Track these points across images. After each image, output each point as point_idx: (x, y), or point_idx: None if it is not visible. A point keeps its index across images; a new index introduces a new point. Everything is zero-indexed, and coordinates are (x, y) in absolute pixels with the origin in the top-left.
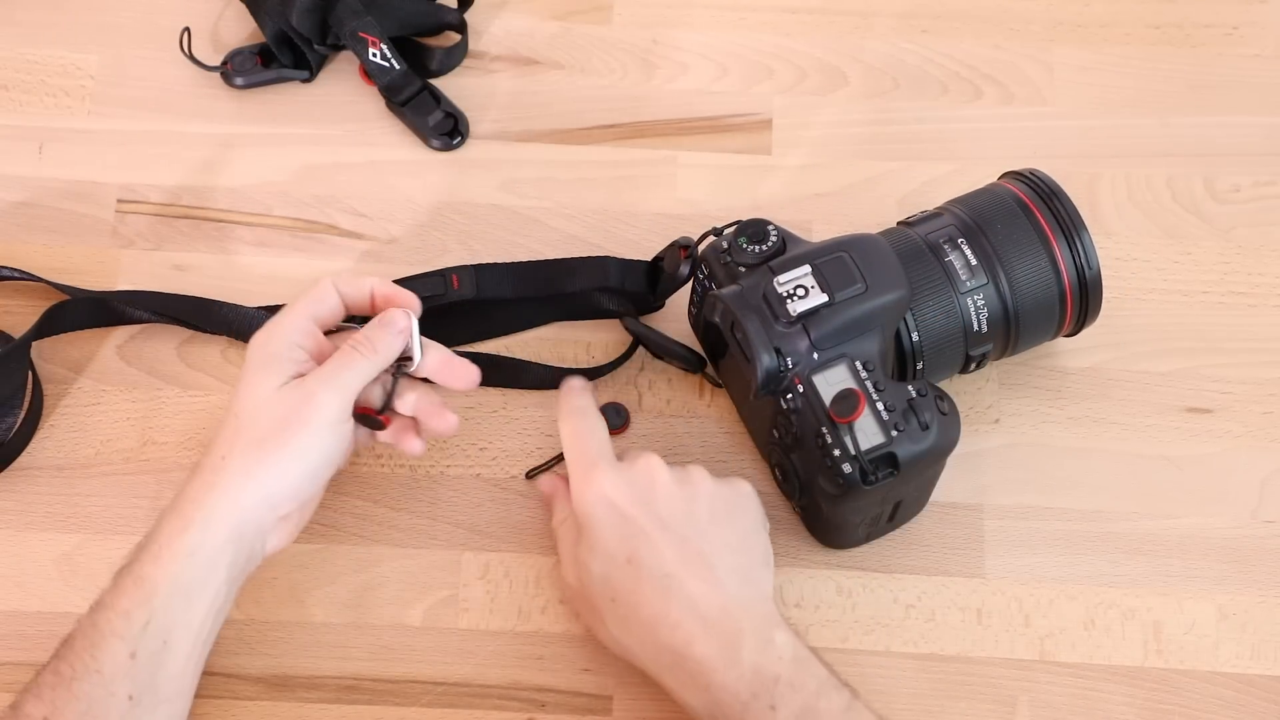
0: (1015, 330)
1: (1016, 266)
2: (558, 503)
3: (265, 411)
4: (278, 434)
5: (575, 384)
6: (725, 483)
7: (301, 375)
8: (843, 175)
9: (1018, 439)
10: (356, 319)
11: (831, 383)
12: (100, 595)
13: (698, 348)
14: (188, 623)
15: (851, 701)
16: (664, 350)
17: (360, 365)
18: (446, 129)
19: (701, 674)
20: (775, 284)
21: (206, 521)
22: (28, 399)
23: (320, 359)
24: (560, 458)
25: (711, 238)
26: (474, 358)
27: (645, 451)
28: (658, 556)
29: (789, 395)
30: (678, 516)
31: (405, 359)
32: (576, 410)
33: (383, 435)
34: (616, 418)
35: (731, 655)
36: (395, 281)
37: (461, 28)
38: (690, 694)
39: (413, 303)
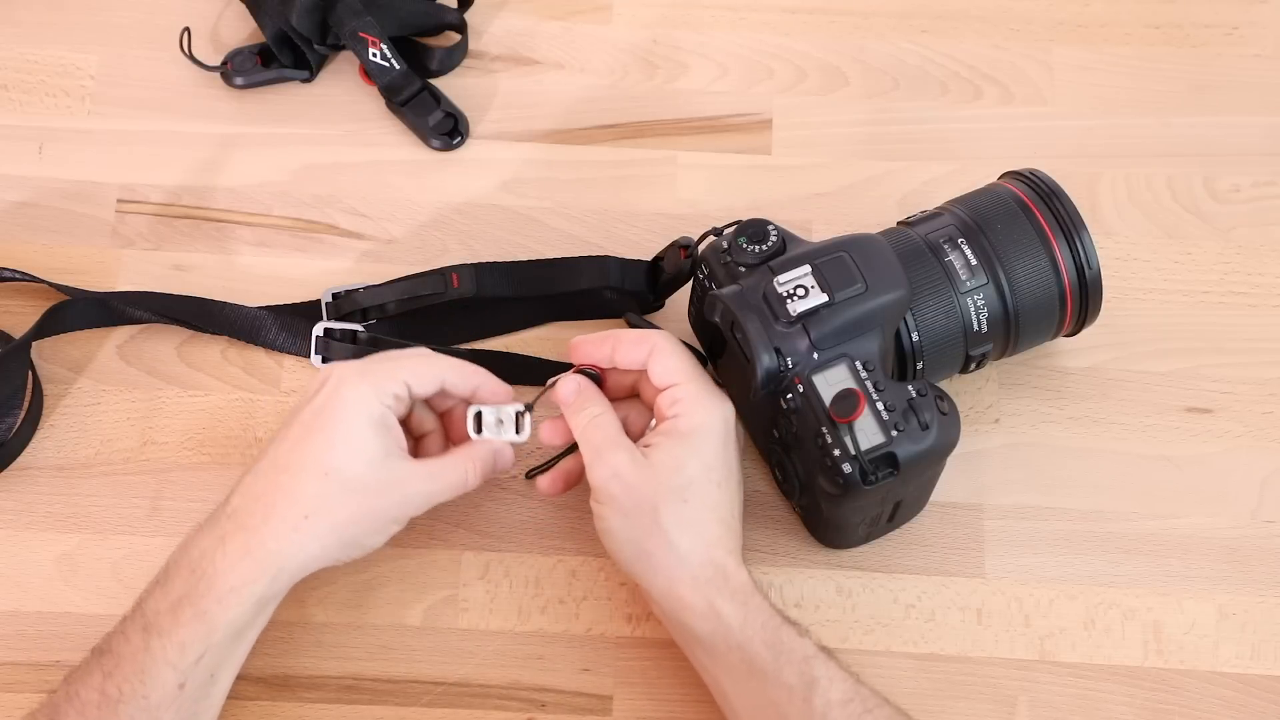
0: (1015, 330)
1: (1016, 266)
2: (588, 398)
3: (366, 483)
4: (370, 516)
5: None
6: None
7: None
8: (843, 175)
9: (1018, 439)
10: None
11: (831, 383)
12: (150, 616)
13: (698, 347)
14: (235, 659)
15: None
16: None
17: (461, 481)
18: (446, 129)
19: (743, 590)
20: (775, 284)
21: (279, 574)
22: (28, 399)
23: (405, 423)
24: (560, 456)
25: (711, 238)
26: (475, 356)
27: None
28: (735, 493)
29: (789, 395)
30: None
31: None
32: (673, 342)
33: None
34: None
35: (764, 591)
36: (394, 281)
37: (461, 28)
38: (727, 604)
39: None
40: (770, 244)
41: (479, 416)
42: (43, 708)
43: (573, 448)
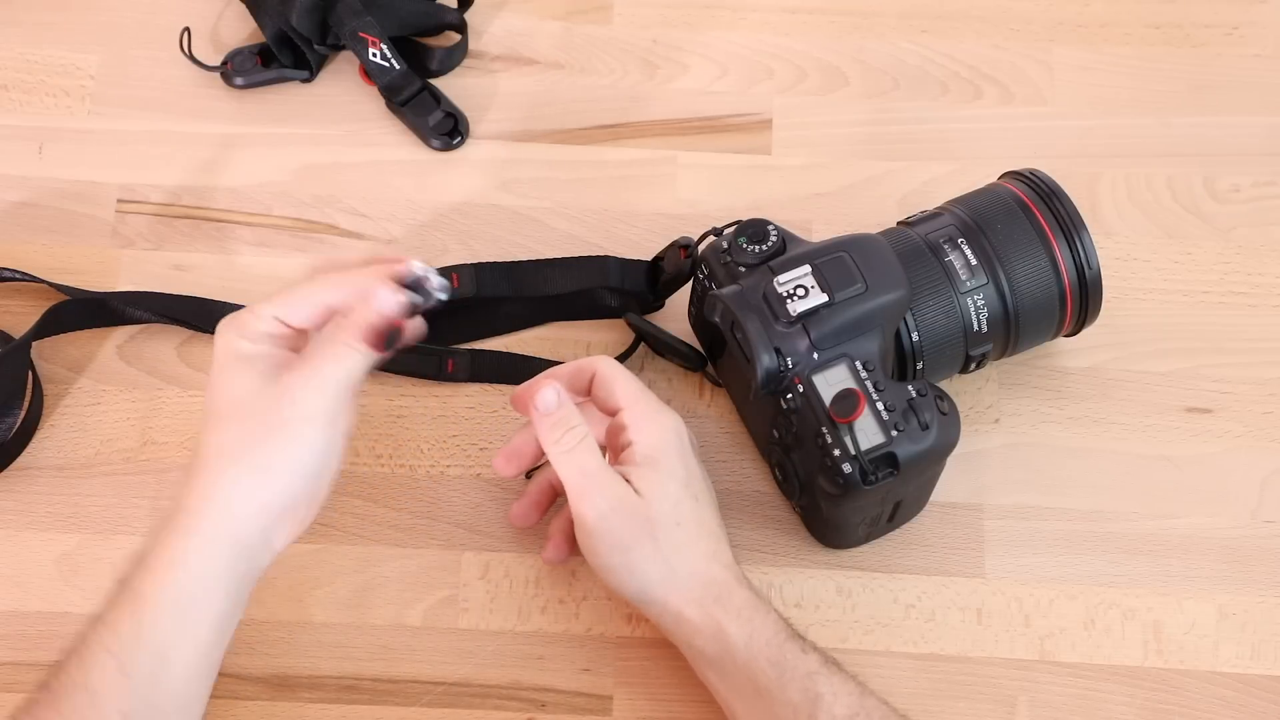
0: (1015, 330)
1: (1016, 266)
2: (555, 430)
3: (253, 408)
4: (263, 440)
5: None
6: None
7: (279, 367)
8: (843, 175)
9: (1018, 439)
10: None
11: (831, 383)
12: (97, 610)
13: (698, 348)
14: (189, 638)
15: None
16: (665, 347)
17: (346, 358)
18: (446, 129)
19: (747, 608)
20: (775, 284)
21: (204, 533)
22: (28, 399)
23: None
24: None
25: (711, 238)
26: (476, 355)
27: None
28: (712, 502)
29: (789, 395)
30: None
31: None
32: (615, 366)
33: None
34: None
35: (768, 601)
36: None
37: (461, 28)
38: (731, 623)
39: (396, 269)
40: (770, 244)
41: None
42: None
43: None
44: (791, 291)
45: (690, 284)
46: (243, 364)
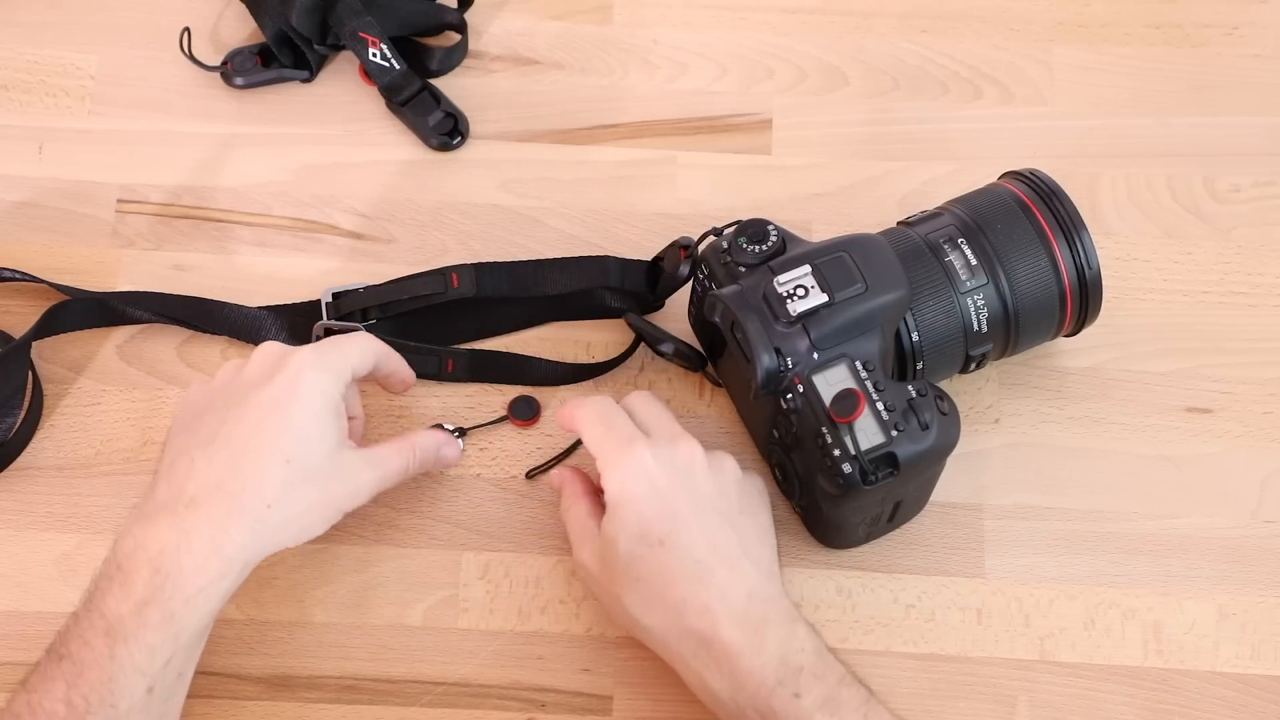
0: (1015, 330)
1: (1016, 266)
2: (567, 489)
3: (325, 472)
4: (326, 506)
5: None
6: (749, 475)
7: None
8: (843, 175)
9: (1018, 439)
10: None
11: (831, 383)
12: (113, 620)
13: (698, 347)
14: (198, 654)
15: (869, 697)
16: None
17: (404, 466)
18: (446, 129)
19: (727, 658)
20: (775, 284)
21: (245, 568)
22: (28, 399)
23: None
24: (560, 457)
25: (711, 238)
26: (477, 355)
27: (683, 434)
28: (692, 541)
29: (789, 395)
30: (713, 503)
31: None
32: (597, 401)
33: None
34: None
35: (757, 643)
36: (394, 281)
37: (461, 28)
38: (713, 677)
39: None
40: (770, 244)
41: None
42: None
43: (572, 447)
44: (791, 291)
45: (690, 284)
46: (331, 419)
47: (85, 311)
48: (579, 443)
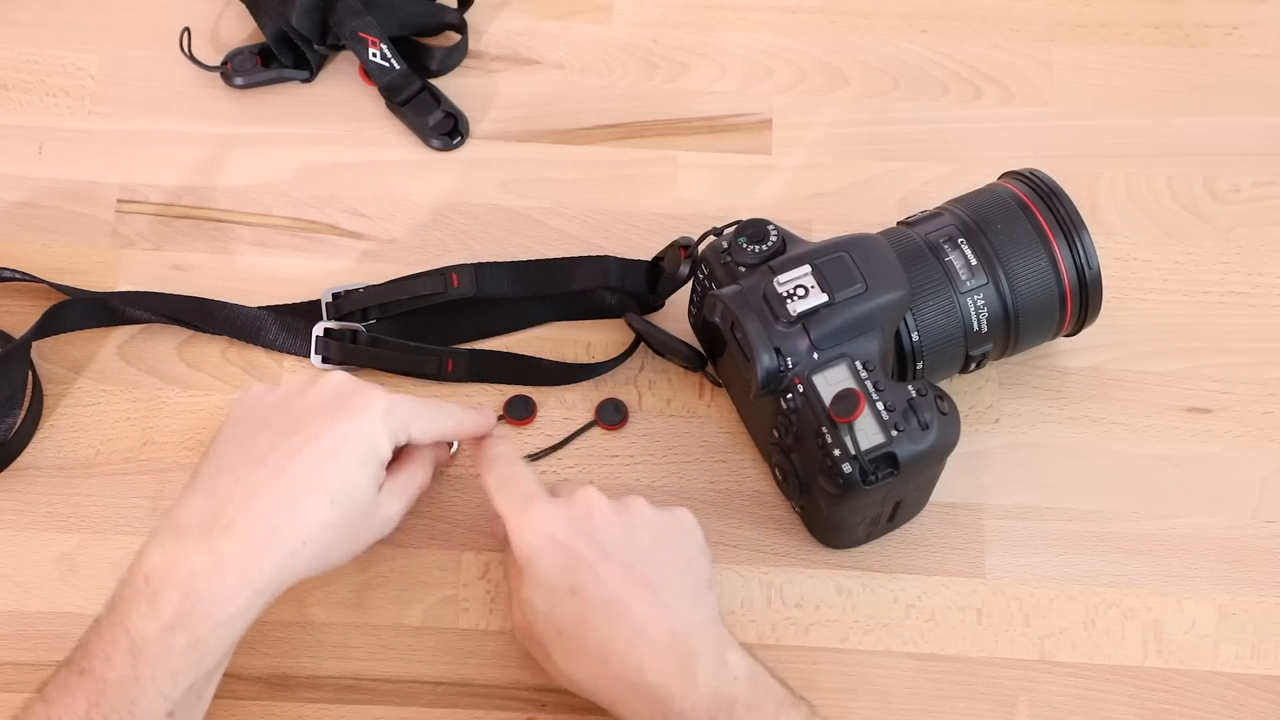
0: (1015, 330)
1: (1016, 266)
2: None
3: (361, 512)
4: (354, 541)
5: (493, 437)
6: (665, 510)
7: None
8: (843, 175)
9: (1018, 439)
10: None
11: (831, 383)
12: (137, 639)
13: (698, 348)
14: (220, 677)
15: (810, 716)
16: (666, 347)
17: (422, 484)
18: (446, 129)
19: (658, 702)
20: (775, 284)
21: (271, 598)
22: (28, 399)
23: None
24: (555, 447)
25: (711, 238)
26: (477, 355)
27: (581, 484)
28: (601, 584)
29: (789, 395)
30: (619, 543)
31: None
32: (499, 457)
33: None
34: (615, 414)
35: (687, 680)
36: (394, 281)
37: (461, 28)
38: None
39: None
40: (770, 244)
41: None
42: None
43: (564, 440)
44: (791, 291)
45: (690, 284)
46: (377, 469)
47: (85, 311)
48: (572, 436)
